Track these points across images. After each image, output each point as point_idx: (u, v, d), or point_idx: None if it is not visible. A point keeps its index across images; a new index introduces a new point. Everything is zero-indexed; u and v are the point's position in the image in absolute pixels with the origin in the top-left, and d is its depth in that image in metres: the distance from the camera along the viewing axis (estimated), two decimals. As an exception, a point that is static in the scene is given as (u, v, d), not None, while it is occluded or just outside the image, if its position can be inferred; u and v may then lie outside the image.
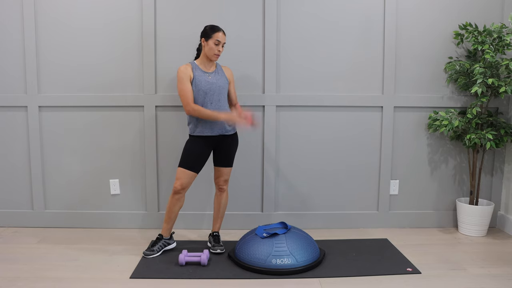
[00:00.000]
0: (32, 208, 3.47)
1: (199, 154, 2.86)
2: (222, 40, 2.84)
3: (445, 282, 2.54)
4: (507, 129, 3.25)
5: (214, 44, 2.83)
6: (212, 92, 2.84)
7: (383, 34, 3.37)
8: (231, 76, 3.03)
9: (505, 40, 3.12)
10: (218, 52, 2.84)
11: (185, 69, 2.84)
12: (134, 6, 3.28)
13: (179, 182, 2.84)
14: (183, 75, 2.83)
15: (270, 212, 3.47)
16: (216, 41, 2.83)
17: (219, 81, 2.89)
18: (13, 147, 3.41)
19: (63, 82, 3.34)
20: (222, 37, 2.84)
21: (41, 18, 3.28)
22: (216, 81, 2.88)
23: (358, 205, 3.53)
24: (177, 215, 2.95)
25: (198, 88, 2.83)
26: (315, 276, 2.61)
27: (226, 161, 2.98)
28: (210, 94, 2.83)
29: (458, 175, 3.54)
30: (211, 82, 2.85)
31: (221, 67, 2.99)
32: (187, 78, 2.83)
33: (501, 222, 3.51)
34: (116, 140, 3.40)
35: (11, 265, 2.72)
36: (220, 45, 2.85)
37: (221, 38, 2.84)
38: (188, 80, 2.83)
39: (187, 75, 2.83)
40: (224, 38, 2.87)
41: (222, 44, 2.86)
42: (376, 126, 3.45)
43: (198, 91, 2.83)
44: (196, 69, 2.88)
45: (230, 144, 2.96)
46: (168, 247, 2.99)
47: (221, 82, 2.90)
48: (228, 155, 2.97)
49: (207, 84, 2.84)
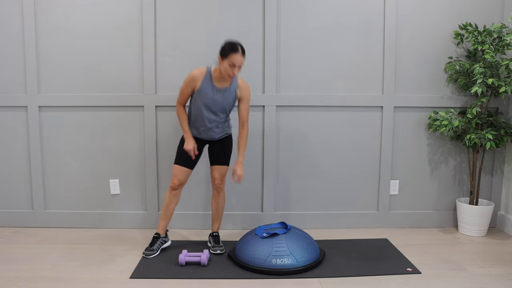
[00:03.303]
0: (32, 208, 3.47)
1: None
2: (238, 63, 2.58)
3: (445, 282, 2.54)
4: (507, 129, 3.25)
5: (228, 65, 2.60)
6: (213, 106, 2.78)
7: (383, 34, 3.37)
8: (245, 95, 2.81)
9: (505, 40, 3.12)
10: (232, 74, 2.62)
11: (193, 79, 2.72)
12: (134, 6, 3.28)
13: (176, 179, 2.88)
14: (188, 81, 2.74)
15: (270, 212, 3.47)
16: (232, 63, 2.58)
17: (225, 101, 2.78)
18: (13, 147, 3.41)
19: (63, 82, 3.34)
20: (239, 59, 2.58)
21: (41, 18, 3.28)
22: (222, 99, 2.77)
23: (358, 205, 3.53)
24: (173, 212, 2.98)
25: (200, 99, 2.77)
26: (315, 276, 2.61)
27: (219, 159, 2.96)
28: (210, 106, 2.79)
29: (458, 175, 3.54)
30: (215, 99, 2.75)
31: (237, 83, 2.80)
32: (190, 86, 2.76)
33: (501, 222, 3.51)
34: (116, 140, 3.40)
35: (11, 265, 2.72)
36: (236, 68, 2.60)
37: (238, 61, 2.58)
38: (190, 88, 2.77)
39: (192, 85, 2.75)
40: (242, 60, 2.59)
41: (239, 66, 2.60)
42: (376, 126, 3.45)
43: (198, 101, 2.78)
44: (207, 81, 2.72)
45: (222, 144, 2.96)
46: (165, 245, 3.00)
47: (227, 102, 2.78)
48: (221, 154, 2.96)
49: (210, 100, 2.76)
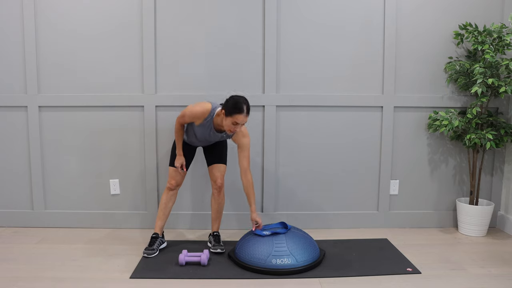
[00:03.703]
0: (32, 208, 3.47)
1: (185, 153, 2.97)
2: (242, 122, 2.56)
3: (445, 282, 2.54)
4: (507, 129, 3.25)
5: (231, 123, 2.57)
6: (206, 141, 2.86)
7: (383, 34, 3.37)
8: (245, 143, 2.74)
9: (505, 40, 3.12)
10: (234, 130, 2.60)
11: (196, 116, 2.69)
12: (134, 6, 3.28)
13: (173, 180, 2.94)
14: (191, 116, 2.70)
15: (270, 212, 3.47)
16: (235, 122, 2.55)
17: (220, 138, 2.85)
18: (13, 147, 3.41)
19: (63, 82, 3.34)
20: (242, 119, 2.54)
21: (41, 18, 3.28)
22: (216, 137, 2.82)
23: (358, 205, 3.53)
24: (170, 211, 3.02)
25: (193, 132, 2.82)
26: (315, 276, 2.61)
27: (216, 158, 2.97)
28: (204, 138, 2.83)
29: (458, 175, 3.54)
30: (210, 136, 2.79)
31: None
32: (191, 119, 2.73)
33: (501, 222, 3.51)
34: (116, 140, 3.40)
35: (11, 265, 2.72)
36: (239, 126, 2.57)
37: (241, 120, 2.54)
38: (191, 120, 2.74)
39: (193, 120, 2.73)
40: (246, 120, 2.57)
41: (242, 124, 2.57)
42: (376, 126, 3.45)
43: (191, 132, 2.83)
44: (208, 122, 2.71)
45: (217, 145, 2.99)
46: (161, 246, 3.01)
47: (221, 138, 2.86)
48: (218, 153, 2.97)
49: (202, 137, 2.81)
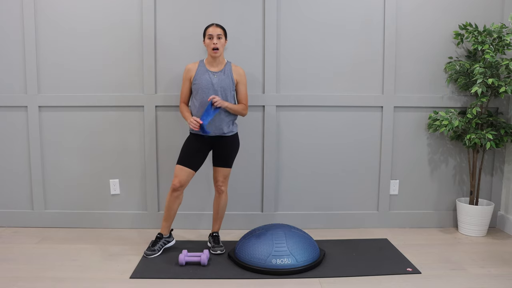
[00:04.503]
0: (32, 208, 3.47)
1: (195, 152, 2.88)
2: (213, 32, 2.81)
3: (445, 282, 2.54)
4: (507, 129, 3.25)
5: (208, 39, 2.83)
6: (212, 90, 2.83)
7: (383, 34, 3.37)
8: (241, 76, 2.94)
9: (505, 40, 3.12)
10: (213, 45, 2.80)
11: (188, 70, 2.92)
12: (134, 6, 3.28)
13: (177, 179, 2.85)
14: (184, 75, 2.95)
15: (270, 212, 3.47)
16: (209, 35, 2.82)
17: (223, 82, 2.86)
18: (13, 147, 3.41)
19: (63, 82, 3.34)
20: (212, 30, 2.82)
21: (41, 18, 3.28)
22: (219, 81, 2.85)
23: (358, 205, 3.53)
24: (176, 212, 2.94)
25: (197, 86, 2.85)
26: (315, 276, 2.61)
27: (223, 161, 2.95)
28: (209, 90, 2.83)
29: (458, 175, 3.54)
30: (213, 82, 2.84)
31: (231, 67, 2.93)
32: (187, 79, 2.95)
33: (501, 222, 3.51)
34: (116, 140, 3.40)
35: (11, 265, 2.72)
36: (214, 38, 2.81)
37: (212, 31, 2.81)
38: (187, 81, 2.95)
39: (188, 76, 2.94)
40: (216, 30, 2.82)
41: (217, 36, 2.81)
42: (376, 126, 3.45)
43: (197, 89, 2.85)
44: (201, 67, 2.90)
45: (228, 145, 2.94)
46: (168, 245, 2.99)
47: (224, 83, 2.86)
48: (225, 155, 2.94)
49: (207, 83, 2.84)
